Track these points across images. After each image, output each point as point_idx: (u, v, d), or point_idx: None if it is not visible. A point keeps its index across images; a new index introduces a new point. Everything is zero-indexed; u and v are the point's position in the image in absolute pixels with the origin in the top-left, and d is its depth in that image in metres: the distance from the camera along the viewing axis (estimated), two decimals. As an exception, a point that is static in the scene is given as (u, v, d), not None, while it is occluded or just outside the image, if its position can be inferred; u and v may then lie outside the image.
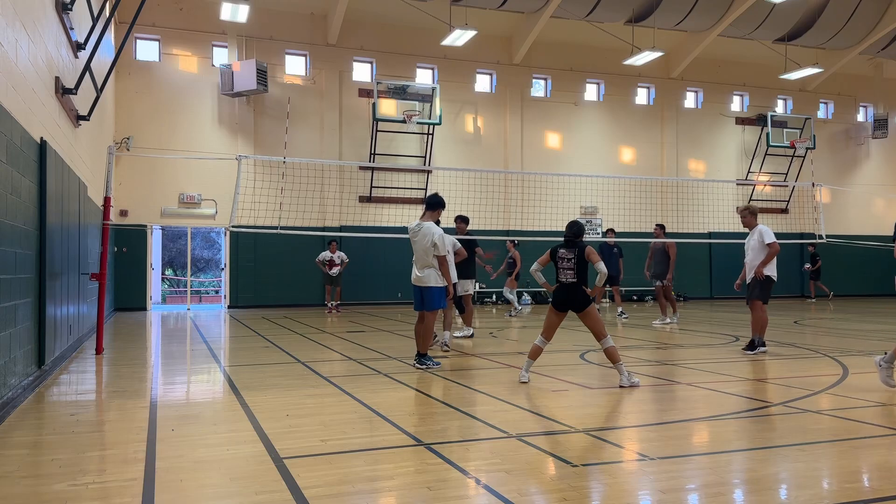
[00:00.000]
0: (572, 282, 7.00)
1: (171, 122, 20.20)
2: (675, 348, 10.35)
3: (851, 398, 6.32)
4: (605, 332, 6.96)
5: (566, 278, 7.03)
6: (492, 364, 8.65)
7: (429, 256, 8.23)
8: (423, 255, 8.29)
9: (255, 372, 8.12)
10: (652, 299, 23.46)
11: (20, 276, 6.55)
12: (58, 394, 6.81)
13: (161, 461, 4.29)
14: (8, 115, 6.10)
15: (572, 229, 7.14)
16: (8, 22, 6.25)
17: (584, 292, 6.99)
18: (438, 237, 8.22)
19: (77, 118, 10.42)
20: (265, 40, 21.12)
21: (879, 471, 4.18)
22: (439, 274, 8.23)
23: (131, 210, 19.74)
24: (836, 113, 28.19)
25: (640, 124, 25.22)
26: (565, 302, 7.02)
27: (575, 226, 7.18)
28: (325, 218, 21.12)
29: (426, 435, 4.95)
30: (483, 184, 21.59)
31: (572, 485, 3.83)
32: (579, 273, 6.98)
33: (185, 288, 28.95)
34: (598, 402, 6.28)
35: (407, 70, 22.63)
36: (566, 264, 7.02)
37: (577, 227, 7.16)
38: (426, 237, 8.24)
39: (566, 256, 7.03)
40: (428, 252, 8.23)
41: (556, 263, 7.13)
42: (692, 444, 4.94)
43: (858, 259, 25.92)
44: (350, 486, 3.83)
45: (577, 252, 6.98)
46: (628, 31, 22.93)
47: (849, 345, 10.45)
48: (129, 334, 12.95)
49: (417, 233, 8.37)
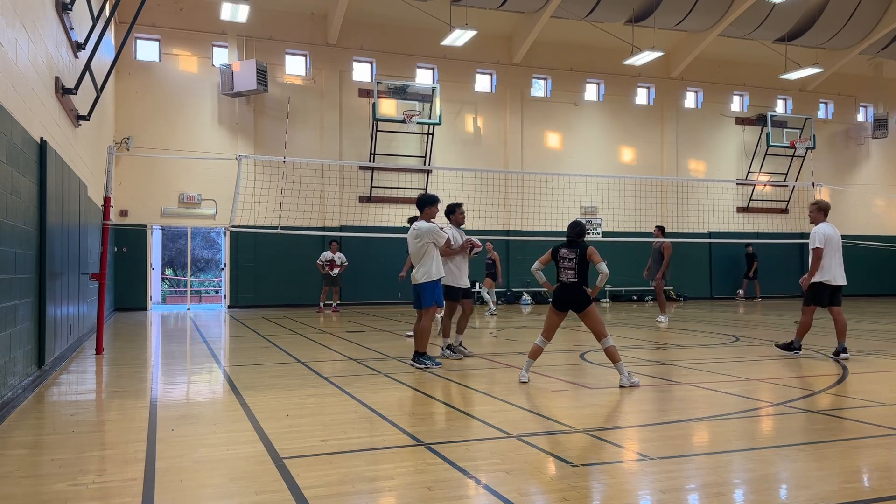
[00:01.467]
0: (573, 281, 7.00)
1: (171, 122, 20.20)
2: (674, 348, 10.35)
3: (851, 398, 6.32)
4: (606, 331, 6.96)
5: (567, 278, 7.04)
6: (491, 364, 8.65)
7: (420, 255, 8.34)
8: (415, 253, 8.42)
9: (255, 372, 8.13)
10: (652, 299, 23.50)
11: (20, 276, 6.55)
12: (58, 394, 6.81)
13: (161, 461, 4.29)
14: (8, 115, 6.10)
15: (574, 229, 7.15)
16: (8, 22, 6.25)
17: (585, 292, 6.99)
18: (426, 230, 8.32)
19: (77, 118, 10.42)
20: (265, 40, 21.12)
21: (879, 471, 4.19)
22: (427, 270, 8.30)
23: (131, 210, 19.74)
24: (836, 113, 28.19)
25: (640, 124, 25.22)
26: (566, 301, 7.03)
27: (577, 226, 7.18)
28: (325, 218, 21.12)
29: (426, 435, 4.95)
30: (483, 184, 21.59)
31: (572, 485, 3.83)
32: (580, 273, 6.99)
33: (185, 288, 28.96)
34: (598, 402, 6.28)
35: (407, 70, 22.63)
36: (567, 264, 7.03)
37: (580, 228, 7.17)
38: (417, 236, 8.38)
39: (567, 256, 7.04)
40: (419, 250, 8.33)
41: (557, 263, 7.14)
42: (692, 444, 4.94)
43: (858, 259, 25.87)
44: (350, 486, 3.83)
45: (578, 252, 6.99)
46: (628, 31, 22.93)
47: (849, 345, 10.43)
48: (129, 334, 12.95)
49: (411, 233, 8.53)
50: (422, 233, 8.32)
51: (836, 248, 8.95)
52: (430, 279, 8.28)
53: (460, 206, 9.30)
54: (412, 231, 8.48)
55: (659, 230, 15.18)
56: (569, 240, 7.12)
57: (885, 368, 8.19)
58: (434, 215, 8.65)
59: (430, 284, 8.30)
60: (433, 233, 8.33)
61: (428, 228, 8.35)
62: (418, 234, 8.35)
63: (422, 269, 8.34)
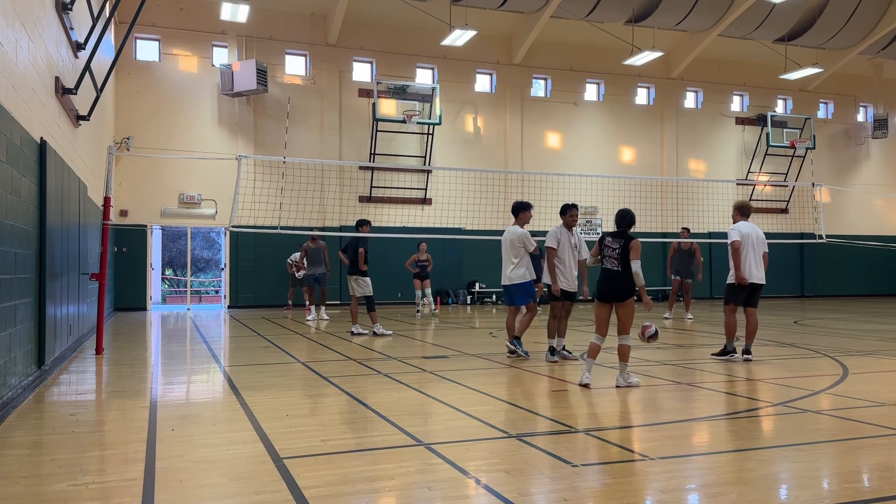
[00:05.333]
0: (617, 271, 6.97)
1: (171, 122, 20.21)
2: (675, 348, 10.35)
3: (851, 398, 6.32)
4: (630, 330, 6.98)
5: (611, 266, 7.02)
6: (491, 364, 8.65)
7: (510, 256, 8.90)
8: (507, 254, 8.97)
9: (255, 372, 8.12)
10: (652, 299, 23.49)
11: (20, 276, 6.55)
12: (58, 394, 6.81)
13: (161, 461, 4.29)
14: (8, 115, 6.09)
15: (623, 219, 7.09)
16: (8, 22, 6.25)
17: (627, 283, 6.90)
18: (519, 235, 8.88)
19: (77, 118, 10.42)
20: (265, 40, 21.12)
21: (879, 471, 4.18)
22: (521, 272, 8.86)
23: (131, 210, 19.74)
24: (836, 113, 28.19)
25: (640, 124, 25.22)
26: (607, 292, 6.98)
27: (626, 215, 7.10)
28: (325, 218, 21.12)
29: (426, 435, 4.95)
30: (483, 184, 21.59)
31: (572, 485, 3.83)
32: (623, 263, 6.93)
33: (185, 288, 28.95)
34: (598, 402, 6.28)
35: (407, 70, 22.63)
36: (611, 253, 7.02)
37: (628, 217, 7.09)
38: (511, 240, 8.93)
39: (612, 245, 7.03)
40: (510, 252, 8.90)
41: (602, 252, 7.12)
42: (692, 444, 4.93)
43: (858, 259, 25.92)
44: (350, 486, 3.83)
45: (622, 243, 6.96)
46: (628, 31, 22.93)
47: (849, 345, 10.45)
48: (129, 334, 12.95)
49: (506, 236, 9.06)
50: (515, 237, 8.86)
51: (754, 247, 8.87)
52: (523, 280, 8.89)
53: (574, 208, 8.95)
54: (507, 234, 9.00)
55: (686, 231, 15.78)
56: (616, 230, 7.12)
57: (885, 368, 8.19)
58: (528, 220, 9.14)
59: (525, 285, 8.91)
60: (526, 238, 8.86)
61: (522, 234, 8.88)
62: (513, 237, 8.88)
63: (516, 270, 8.88)
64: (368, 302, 12.19)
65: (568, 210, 8.91)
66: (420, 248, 17.25)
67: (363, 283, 12.12)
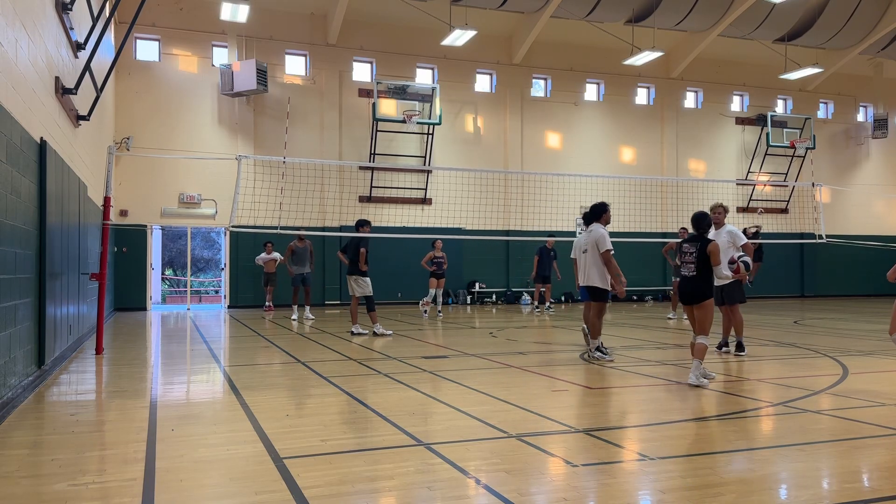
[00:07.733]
0: (693, 275, 7.10)
1: (170, 122, 20.20)
2: (674, 348, 10.35)
3: (851, 398, 6.32)
4: (707, 331, 7.07)
5: (688, 272, 7.16)
6: (491, 364, 8.65)
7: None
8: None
9: (255, 372, 8.12)
10: (652, 300, 23.53)
11: (20, 276, 6.55)
12: (58, 394, 6.81)
13: (161, 461, 4.29)
14: (8, 115, 6.09)
15: (700, 223, 7.20)
16: (8, 22, 6.25)
17: (705, 286, 7.05)
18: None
19: (77, 118, 10.42)
20: (265, 40, 21.12)
21: (879, 471, 4.19)
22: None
23: (131, 210, 19.73)
24: (836, 113, 28.19)
25: (640, 124, 25.21)
26: (687, 295, 7.17)
27: (703, 219, 7.21)
28: (325, 218, 21.11)
29: (426, 435, 4.95)
30: (483, 184, 21.59)
31: (572, 485, 3.83)
32: (700, 267, 7.06)
33: (185, 288, 28.95)
34: (598, 402, 6.28)
35: (407, 70, 22.62)
36: (688, 258, 7.15)
37: (706, 221, 7.21)
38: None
39: (689, 251, 7.17)
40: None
41: (681, 257, 7.26)
42: (692, 444, 4.93)
43: (858, 259, 25.90)
44: (350, 486, 3.83)
45: (699, 247, 7.09)
46: (628, 31, 22.92)
47: (848, 345, 10.45)
48: (129, 334, 12.95)
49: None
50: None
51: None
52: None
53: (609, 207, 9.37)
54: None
55: (685, 231, 15.86)
56: (693, 234, 7.24)
57: (885, 368, 8.19)
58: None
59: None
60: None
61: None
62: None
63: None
64: (368, 302, 12.19)
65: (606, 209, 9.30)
66: (435, 245, 17.00)
67: (363, 284, 12.13)
